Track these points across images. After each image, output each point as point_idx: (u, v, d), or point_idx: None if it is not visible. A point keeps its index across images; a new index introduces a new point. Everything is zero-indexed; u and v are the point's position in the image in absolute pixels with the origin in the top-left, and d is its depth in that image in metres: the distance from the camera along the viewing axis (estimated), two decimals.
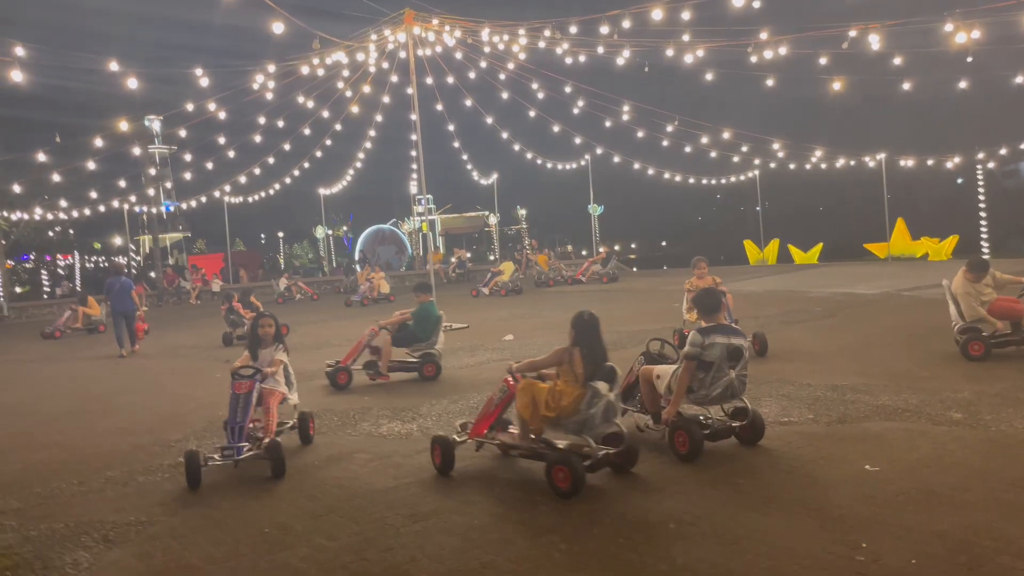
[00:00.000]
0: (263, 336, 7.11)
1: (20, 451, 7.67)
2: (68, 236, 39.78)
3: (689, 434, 5.73)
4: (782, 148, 27.54)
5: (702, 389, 5.96)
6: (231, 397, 6.39)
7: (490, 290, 22.75)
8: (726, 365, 5.92)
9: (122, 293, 15.15)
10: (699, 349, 5.92)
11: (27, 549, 4.96)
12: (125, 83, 14.52)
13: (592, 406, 5.42)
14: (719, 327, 6.10)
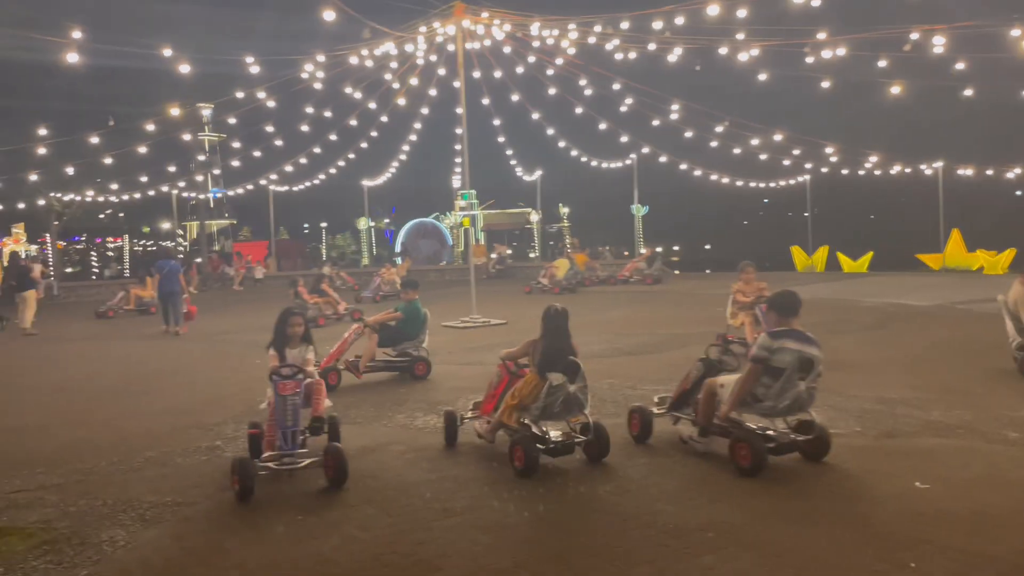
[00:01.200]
0: (291, 335, 6.50)
1: (64, 427, 7.82)
2: (118, 219, 40.70)
3: (752, 447, 5.38)
4: (836, 153, 26.94)
5: (768, 400, 5.59)
6: (277, 400, 5.76)
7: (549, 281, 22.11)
8: (796, 375, 5.53)
9: (170, 276, 15.99)
10: (767, 353, 5.59)
11: (65, 524, 5.02)
12: (178, 69, 14.75)
13: (551, 395, 5.75)
14: (792, 332, 5.70)
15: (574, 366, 5.88)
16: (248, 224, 49.53)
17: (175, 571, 4.23)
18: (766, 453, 5.40)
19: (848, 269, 29.09)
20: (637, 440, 6.29)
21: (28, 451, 6.93)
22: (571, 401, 5.84)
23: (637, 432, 6.32)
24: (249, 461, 5.40)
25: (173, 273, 16.09)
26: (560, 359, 5.88)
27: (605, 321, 14.94)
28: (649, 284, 24.12)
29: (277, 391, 5.75)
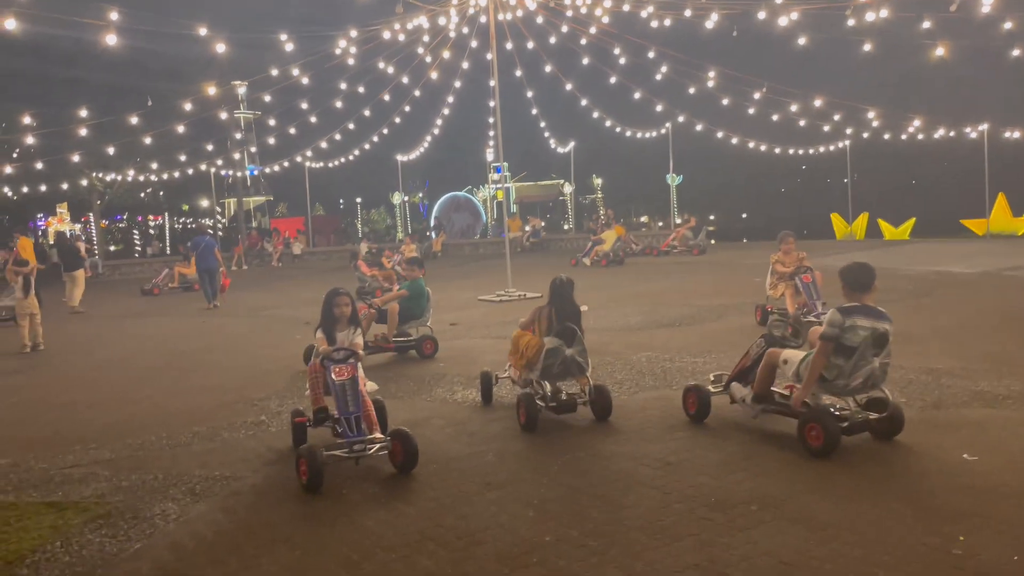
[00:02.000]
0: (339, 316, 6.11)
1: (113, 404, 8.03)
2: (158, 197, 41.33)
3: (825, 427, 5.08)
4: (877, 117, 26.24)
5: (841, 378, 5.29)
6: (333, 386, 5.51)
7: (591, 260, 21.93)
8: (870, 352, 5.25)
9: (206, 251, 16.67)
10: (838, 331, 5.22)
11: (118, 498, 5.17)
12: (213, 48, 14.84)
13: (550, 357, 6.29)
14: (863, 308, 5.33)
15: (571, 331, 6.39)
16: (284, 200, 50.06)
17: (225, 544, 4.34)
18: (840, 433, 5.12)
19: (889, 236, 28.52)
20: (694, 420, 6.07)
21: (80, 427, 7.13)
22: (569, 364, 6.37)
23: (694, 412, 6.09)
24: (317, 450, 5.06)
25: (209, 249, 16.73)
26: (563, 325, 6.41)
27: (641, 293, 14.86)
28: (696, 255, 23.49)
29: (332, 376, 5.54)
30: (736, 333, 9.90)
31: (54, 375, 9.92)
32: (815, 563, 3.70)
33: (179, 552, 4.28)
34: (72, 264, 17.25)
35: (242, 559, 4.13)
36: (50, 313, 13.13)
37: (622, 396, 7.08)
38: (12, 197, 30.80)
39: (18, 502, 5.20)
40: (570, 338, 6.39)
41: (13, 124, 22.75)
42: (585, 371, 6.48)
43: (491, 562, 3.92)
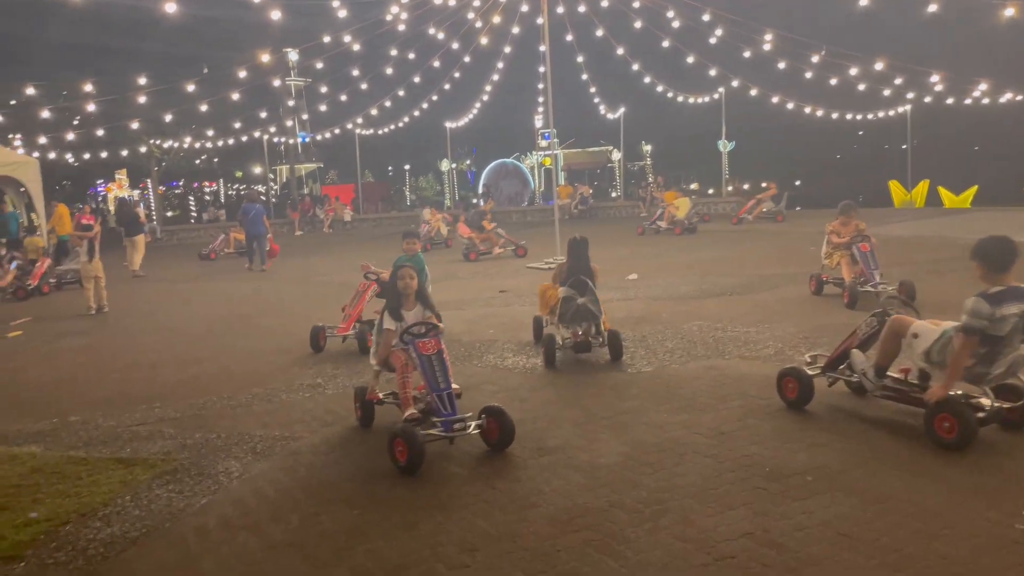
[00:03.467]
0: (403, 290, 5.74)
1: (176, 365, 8.29)
2: (213, 164, 42.07)
3: (961, 418, 4.59)
4: (940, 81, 25.28)
5: (980, 366, 4.78)
6: (420, 361, 5.23)
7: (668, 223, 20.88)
8: (1017, 338, 4.70)
9: (256, 218, 17.58)
10: (985, 322, 4.65)
11: (184, 456, 5.37)
12: (267, 15, 14.95)
13: (564, 304, 7.36)
14: (1013, 291, 4.71)
15: (582, 283, 7.38)
16: (334, 167, 50.52)
17: (287, 503, 4.48)
18: (977, 426, 4.59)
19: (950, 204, 27.59)
20: (793, 406, 5.55)
21: (145, 386, 7.40)
22: (582, 311, 7.36)
23: (794, 397, 5.55)
24: (416, 431, 4.83)
25: (258, 216, 17.61)
26: (576, 278, 7.38)
27: (692, 262, 14.70)
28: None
29: (418, 351, 5.24)
30: (790, 303, 9.76)
31: (119, 336, 10.27)
32: (871, 535, 3.67)
33: (242, 508, 4.44)
34: (133, 229, 17.75)
35: (303, 517, 4.27)
36: (112, 277, 13.55)
37: (673, 365, 7.06)
38: (74, 163, 31.69)
39: (89, 457, 5.44)
40: (582, 289, 7.38)
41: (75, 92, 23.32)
42: (597, 317, 7.41)
43: (544, 525, 3.98)
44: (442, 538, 3.92)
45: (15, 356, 9.31)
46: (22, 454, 5.55)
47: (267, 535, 4.07)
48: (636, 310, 9.82)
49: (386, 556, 3.77)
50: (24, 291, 14.53)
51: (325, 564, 3.73)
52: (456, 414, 5.10)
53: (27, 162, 18.73)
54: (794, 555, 3.53)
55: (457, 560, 3.69)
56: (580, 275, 7.41)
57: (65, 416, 6.53)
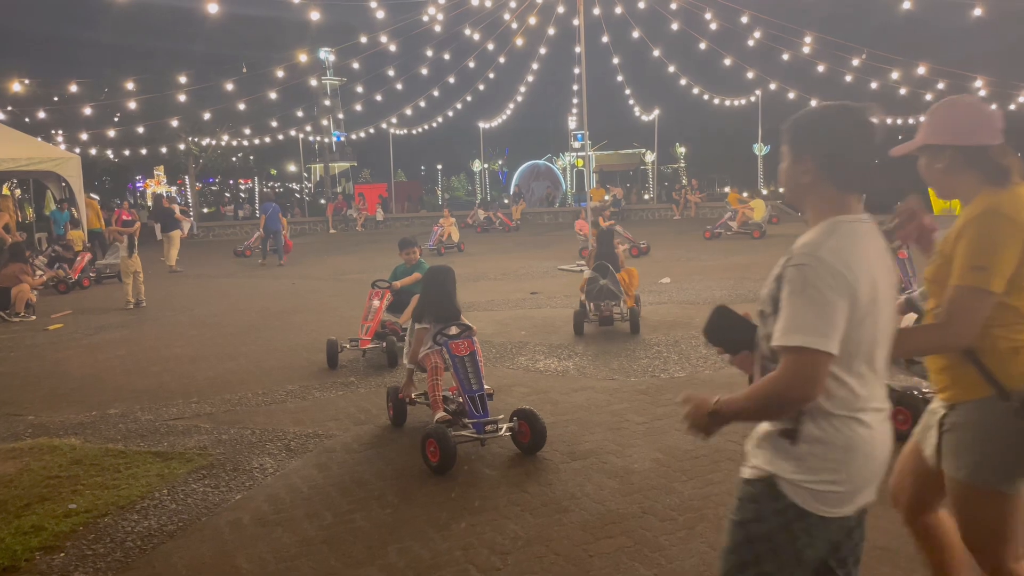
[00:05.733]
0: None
1: (212, 360, 8.40)
2: (248, 162, 42.59)
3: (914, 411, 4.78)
4: (984, 86, 24.77)
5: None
6: (453, 363, 5.24)
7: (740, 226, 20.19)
8: None
9: (273, 216, 18.74)
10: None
11: (220, 451, 5.43)
12: (305, 15, 15.11)
13: (590, 284, 8.88)
14: None
15: (604, 267, 8.93)
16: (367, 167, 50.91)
17: (320, 499, 4.52)
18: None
19: None
20: None
21: (182, 381, 7.51)
22: (604, 291, 8.74)
23: None
24: (448, 432, 4.82)
25: (275, 213, 18.84)
26: (601, 263, 9.00)
27: (727, 266, 14.57)
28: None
29: (451, 352, 5.24)
30: None
31: (157, 330, 10.44)
32: (909, 547, 3.58)
33: (277, 504, 4.48)
34: (168, 225, 18.05)
35: (337, 514, 4.29)
36: (149, 272, 13.77)
37: (706, 371, 6.99)
38: (114, 160, 32.30)
39: (127, 450, 5.53)
40: (603, 272, 8.88)
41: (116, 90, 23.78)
42: (618, 297, 8.78)
43: (576, 530, 3.96)
44: (473, 540, 3.92)
45: (57, 348, 9.51)
46: (63, 445, 5.66)
47: (301, 531, 4.11)
48: (669, 314, 9.75)
49: (418, 555, 3.78)
50: (65, 285, 14.84)
51: (358, 562, 3.75)
52: (488, 416, 5.10)
53: (69, 158, 19.10)
54: None
55: (488, 563, 3.68)
56: (603, 260, 9.11)
57: (105, 409, 6.65)
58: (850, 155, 2.06)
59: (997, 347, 2.36)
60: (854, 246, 1.96)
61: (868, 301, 1.93)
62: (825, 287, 1.87)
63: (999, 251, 2.30)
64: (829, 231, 1.99)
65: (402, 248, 8.47)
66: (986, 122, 2.47)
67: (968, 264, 2.32)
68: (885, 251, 2.09)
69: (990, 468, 2.37)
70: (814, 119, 2.11)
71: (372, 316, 8.06)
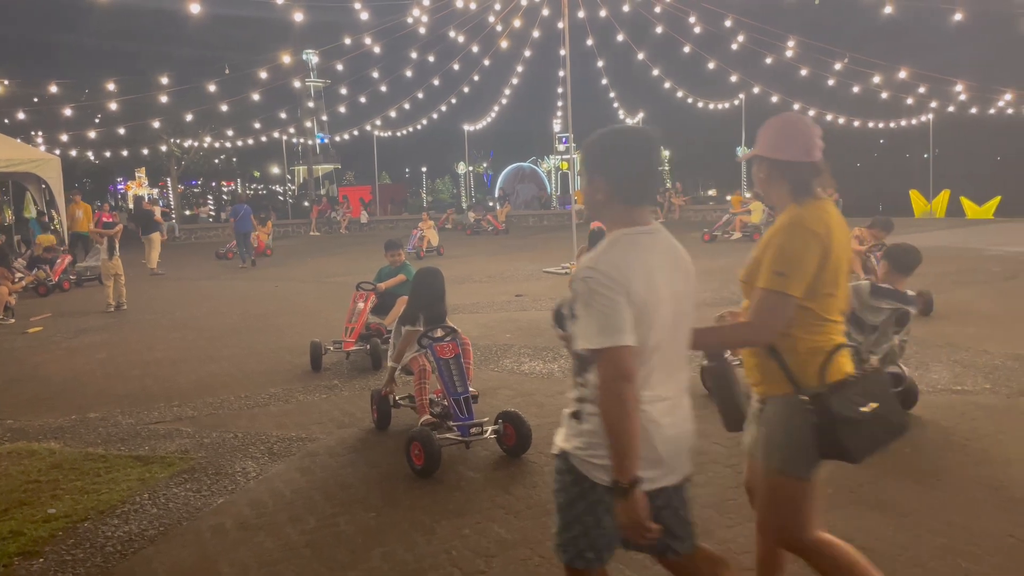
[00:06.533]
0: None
1: (194, 363, 8.33)
2: (231, 164, 42.36)
3: None
4: (964, 91, 25.03)
5: (862, 353, 5.47)
6: (438, 365, 5.23)
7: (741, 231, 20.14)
8: (891, 330, 5.47)
9: (244, 218, 19.03)
10: (856, 303, 5.37)
11: (201, 455, 5.38)
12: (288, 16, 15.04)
13: None
14: (894, 292, 5.46)
15: None
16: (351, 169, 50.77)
17: (303, 503, 4.48)
18: None
19: (972, 215, 27.30)
20: None
21: (164, 384, 7.44)
22: None
23: None
24: (432, 435, 4.82)
25: (247, 215, 19.17)
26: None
27: (713, 269, 14.62)
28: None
29: (436, 355, 5.23)
30: None
31: (138, 333, 10.34)
32: (894, 549, 3.62)
33: (259, 509, 4.44)
34: (148, 228, 17.88)
35: (320, 518, 4.26)
36: (130, 275, 13.63)
37: (691, 373, 7.00)
38: (95, 161, 32.00)
39: (107, 454, 5.46)
40: None
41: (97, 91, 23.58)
42: None
43: None
44: (458, 543, 3.90)
45: (36, 352, 9.39)
46: (41, 450, 5.59)
47: (284, 536, 4.07)
48: None
49: (402, 559, 3.76)
50: (45, 287, 14.66)
51: (342, 566, 3.73)
52: (473, 418, 5.09)
53: (48, 160, 18.91)
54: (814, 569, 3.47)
55: (473, 566, 3.67)
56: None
57: (84, 412, 6.57)
58: (633, 173, 2.31)
59: (797, 348, 2.55)
60: (632, 255, 2.23)
61: (646, 301, 2.19)
62: (606, 291, 2.15)
63: (799, 259, 2.50)
64: (611, 245, 2.27)
65: (387, 250, 8.49)
66: (799, 140, 2.68)
67: (771, 270, 2.53)
68: (675, 257, 2.37)
69: (789, 459, 2.59)
70: (601, 143, 2.35)
71: (356, 318, 8.02)
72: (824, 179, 2.69)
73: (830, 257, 2.53)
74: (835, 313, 2.60)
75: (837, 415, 2.48)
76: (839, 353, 2.56)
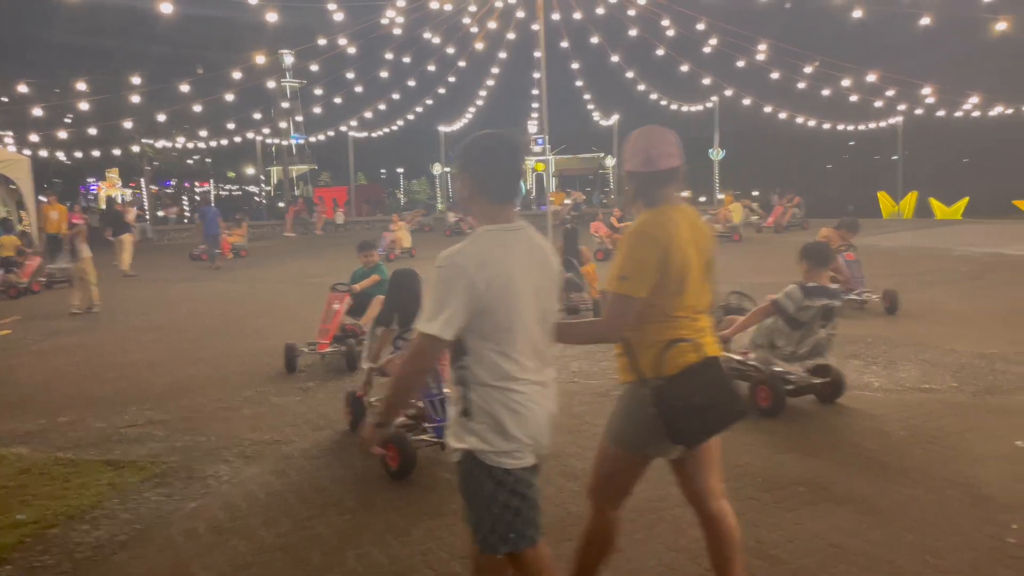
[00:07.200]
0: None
1: (167, 366, 8.24)
2: (205, 165, 41.94)
3: (772, 389, 5.69)
4: (932, 94, 25.44)
5: (789, 346, 5.89)
6: None
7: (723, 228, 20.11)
8: (818, 324, 5.82)
9: (212, 220, 19.17)
10: (793, 307, 5.78)
11: (174, 459, 5.32)
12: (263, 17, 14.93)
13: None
14: (823, 289, 5.87)
15: (569, 262, 9.90)
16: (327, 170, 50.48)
17: (277, 507, 4.45)
18: (785, 395, 5.70)
19: (941, 216, 27.76)
20: None
21: (137, 388, 7.35)
22: (570, 283, 9.67)
23: None
24: (407, 437, 4.86)
25: (214, 217, 19.32)
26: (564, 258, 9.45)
27: None
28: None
29: None
30: None
31: (110, 336, 10.20)
32: (865, 546, 3.68)
33: (233, 512, 4.40)
34: (119, 229, 17.66)
35: (295, 521, 4.24)
36: (103, 276, 13.44)
37: None
38: (66, 161, 31.52)
39: (78, 459, 5.39)
40: (568, 267, 9.73)
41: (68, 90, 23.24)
42: (582, 289, 9.97)
43: None
44: (433, 545, 3.90)
45: (5, 355, 9.23)
46: (9, 455, 5.50)
47: (258, 539, 4.04)
48: None
49: (377, 561, 3.75)
50: (16, 290, 14.42)
51: (316, 569, 3.71)
52: (445, 421, 5.09)
53: (18, 160, 18.60)
54: (787, 566, 3.53)
55: (448, 568, 3.67)
56: (569, 256, 9.97)
57: (54, 417, 6.47)
58: (496, 173, 2.52)
59: (643, 341, 2.80)
60: (491, 250, 2.42)
61: (502, 295, 2.38)
62: (453, 284, 2.35)
63: (640, 263, 2.72)
64: (472, 239, 2.46)
65: (361, 251, 8.47)
66: (639, 152, 2.89)
67: (616, 274, 2.75)
68: (538, 252, 2.56)
69: (620, 435, 2.92)
70: (469, 145, 2.56)
71: (331, 319, 7.99)
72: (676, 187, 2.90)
73: (671, 259, 2.72)
74: (683, 310, 2.80)
75: (671, 404, 2.72)
76: (678, 346, 2.76)
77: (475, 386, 2.45)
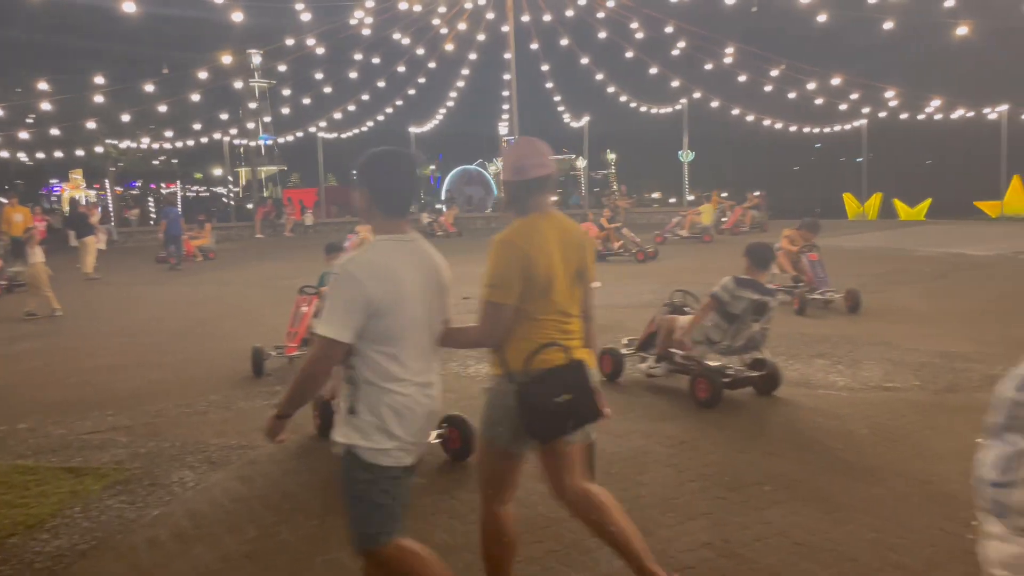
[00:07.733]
0: None
1: (132, 370, 8.10)
2: (172, 165, 41.37)
3: (710, 381, 5.96)
4: (896, 97, 25.90)
5: (725, 340, 6.12)
6: None
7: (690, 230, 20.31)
8: (750, 318, 6.07)
9: (175, 220, 19.11)
10: (727, 296, 6.05)
11: (137, 465, 5.23)
12: (229, 16, 14.77)
13: None
14: (754, 284, 6.13)
15: None
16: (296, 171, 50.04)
17: (243, 513, 4.40)
18: (722, 387, 5.99)
19: (905, 216, 28.26)
20: (609, 379, 6.73)
21: (99, 393, 7.21)
22: None
23: (609, 372, 6.79)
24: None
25: (177, 218, 19.30)
26: None
27: (657, 271, 14.85)
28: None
29: None
30: None
31: (76, 340, 10.01)
32: (829, 544, 3.72)
33: (197, 519, 4.34)
34: (83, 231, 17.36)
35: (260, 527, 4.19)
36: (66, 280, 13.19)
37: (635, 373, 7.10)
38: (27, 162, 30.90)
39: (37, 467, 5.28)
40: None
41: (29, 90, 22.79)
42: None
43: None
44: None
45: None
46: None
47: (223, 547, 3.99)
48: (599, 318, 9.85)
49: (345, 567, 3.71)
50: None
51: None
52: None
53: None
54: (752, 565, 3.56)
55: None
56: None
57: (13, 423, 6.33)
58: (390, 188, 2.71)
59: (511, 339, 2.94)
60: (382, 259, 2.61)
61: (391, 301, 2.57)
62: (347, 290, 2.53)
63: (503, 271, 2.90)
64: (366, 249, 2.66)
65: (328, 252, 8.38)
66: (509, 162, 3.05)
67: (486, 282, 2.93)
68: (428, 261, 2.77)
69: (490, 428, 3.01)
70: (366, 161, 2.74)
71: (299, 322, 7.90)
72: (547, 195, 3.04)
73: (533, 265, 2.86)
74: (551, 313, 2.95)
75: (529, 401, 2.85)
76: (545, 348, 2.91)
77: (363, 385, 2.61)
